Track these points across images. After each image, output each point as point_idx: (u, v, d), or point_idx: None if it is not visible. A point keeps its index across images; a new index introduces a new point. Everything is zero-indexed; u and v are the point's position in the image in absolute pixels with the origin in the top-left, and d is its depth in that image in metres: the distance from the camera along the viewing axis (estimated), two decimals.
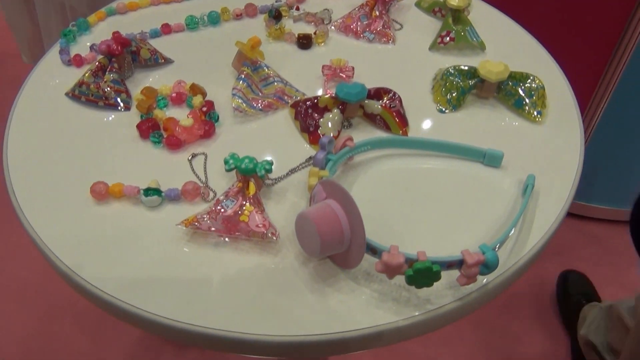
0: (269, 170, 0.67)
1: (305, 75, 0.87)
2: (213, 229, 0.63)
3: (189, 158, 0.74)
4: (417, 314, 0.58)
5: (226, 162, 0.67)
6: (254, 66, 0.83)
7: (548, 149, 0.76)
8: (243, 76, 0.80)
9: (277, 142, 0.77)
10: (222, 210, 0.63)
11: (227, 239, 0.64)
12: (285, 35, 0.92)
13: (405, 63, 0.90)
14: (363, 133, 0.78)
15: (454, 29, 0.90)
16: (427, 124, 0.79)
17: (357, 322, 0.57)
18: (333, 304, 0.59)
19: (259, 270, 0.61)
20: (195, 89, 0.80)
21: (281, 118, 0.80)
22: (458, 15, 0.92)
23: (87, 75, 0.80)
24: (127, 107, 0.80)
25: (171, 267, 0.62)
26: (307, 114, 0.77)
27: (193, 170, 0.72)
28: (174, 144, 0.74)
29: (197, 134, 0.75)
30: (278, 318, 0.58)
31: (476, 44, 0.90)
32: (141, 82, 0.85)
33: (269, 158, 0.69)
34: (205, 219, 0.63)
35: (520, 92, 0.79)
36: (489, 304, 0.98)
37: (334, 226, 0.57)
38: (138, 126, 0.75)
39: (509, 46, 0.93)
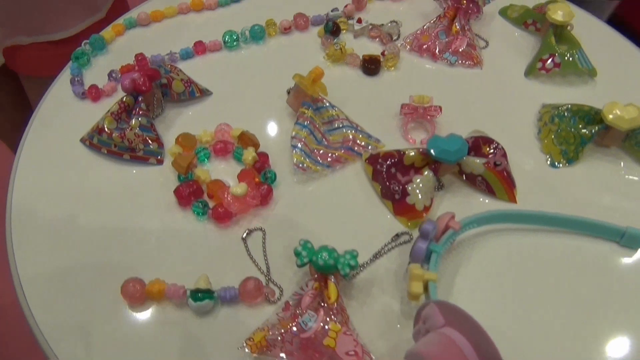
0: (355, 267, 0.51)
1: (375, 111, 0.70)
2: (286, 356, 0.48)
3: (244, 236, 0.58)
4: None
5: (298, 254, 0.51)
6: (317, 105, 0.66)
7: None
8: (304, 122, 0.64)
9: (350, 210, 0.60)
10: (301, 329, 0.48)
11: None
12: (347, 57, 0.75)
13: (499, 95, 0.72)
14: (460, 197, 0.62)
15: (559, 51, 0.72)
16: (535, 182, 0.63)
17: None
18: None
19: None
20: (246, 140, 0.63)
21: (352, 174, 0.64)
22: (561, 32, 0.74)
23: (108, 120, 0.63)
24: (160, 161, 0.64)
25: None
26: (390, 175, 0.60)
27: (249, 253, 0.57)
28: (224, 217, 0.58)
29: (253, 204, 0.59)
30: None
31: (586, 71, 0.73)
32: (174, 122, 0.68)
33: (350, 242, 0.53)
34: (277, 340, 0.48)
35: None
36: None
37: None
38: (177, 193, 0.59)
39: (621, 70, 0.75)
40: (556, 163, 0.64)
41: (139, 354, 0.50)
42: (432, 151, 0.59)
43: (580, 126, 0.64)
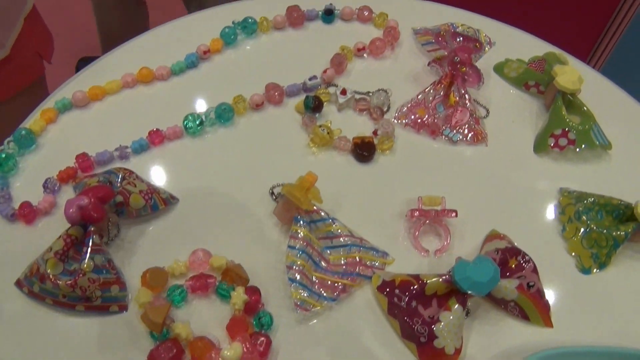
0: None
1: (375, 210, 0.59)
2: None
3: None
4: None
5: None
6: (311, 217, 0.55)
7: None
8: (299, 245, 0.52)
9: (364, 353, 0.50)
10: None
11: None
12: (335, 140, 0.63)
13: (509, 177, 0.64)
14: (490, 327, 0.53)
15: (573, 126, 0.64)
16: (567, 296, 0.55)
17: None
18: None
19: None
20: (232, 276, 0.51)
21: (362, 304, 0.53)
22: (570, 101, 0.66)
23: (50, 263, 0.49)
24: (124, 307, 0.51)
25: None
26: (411, 312, 0.50)
27: None
28: None
29: None
30: None
31: (603, 147, 0.65)
32: (134, 246, 0.55)
33: None
34: None
35: None
36: None
37: None
38: (151, 358, 0.47)
39: (635, 137, 0.68)
40: (587, 269, 0.57)
41: None
42: (460, 283, 0.49)
43: (609, 224, 0.57)
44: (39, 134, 0.62)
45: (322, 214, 0.55)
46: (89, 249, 0.50)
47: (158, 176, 0.60)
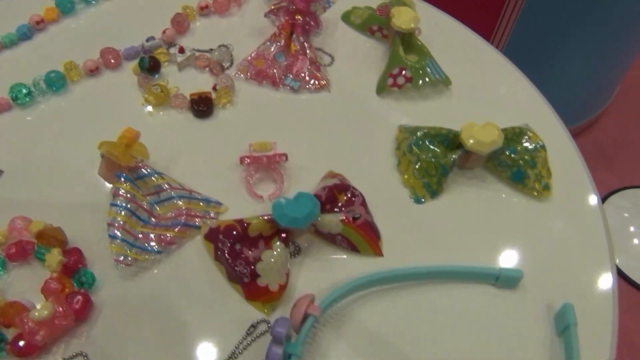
0: None
1: (213, 163, 0.59)
2: None
3: None
4: None
5: None
6: (136, 174, 0.54)
7: (567, 243, 0.56)
8: (120, 202, 0.51)
9: (195, 303, 0.50)
10: None
11: None
12: (171, 98, 0.63)
13: (352, 122, 0.64)
14: (321, 262, 0.53)
15: (409, 64, 0.65)
16: (401, 223, 0.56)
17: None
18: None
19: None
20: (47, 237, 0.50)
21: (192, 254, 0.53)
22: (409, 40, 0.67)
23: None
24: None
25: None
26: (234, 255, 0.50)
27: None
28: (27, 351, 0.45)
29: (64, 326, 0.46)
30: None
31: (440, 81, 0.66)
32: None
33: (195, 349, 0.43)
34: None
35: (518, 161, 0.57)
36: None
37: None
38: None
39: (473, 69, 0.70)
40: (420, 198, 0.58)
41: None
42: (279, 220, 0.49)
43: (440, 152, 0.58)
44: None
45: (147, 170, 0.54)
46: None
47: None
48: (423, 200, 0.58)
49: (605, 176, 1.54)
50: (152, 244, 0.51)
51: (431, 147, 0.58)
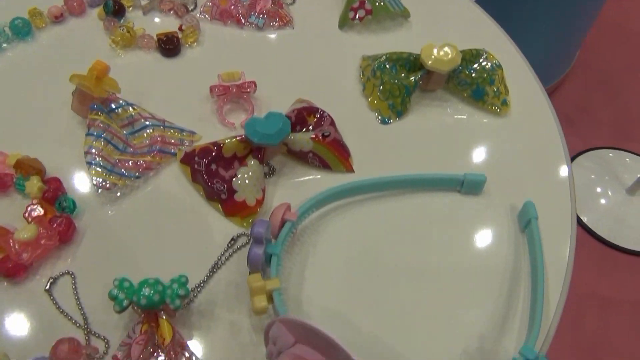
0: (186, 294, 0.43)
1: (184, 98, 0.60)
2: None
3: (47, 287, 0.47)
4: None
5: (114, 297, 0.42)
6: (109, 106, 0.55)
7: (526, 150, 0.59)
8: (95, 129, 0.53)
9: (175, 223, 0.52)
10: None
11: None
12: (138, 39, 0.64)
13: (316, 55, 0.66)
14: (295, 179, 0.55)
15: None
16: (370, 144, 0.59)
17: None
18: None
19: None
20: (25, 166, 0.51)
21: (170, 178, 0.55)
22: None
23: None
24: None
25: None
26: (211, 174, 0.52)
27: (59, 307, 0.46)
28: (15, 271, 0.46)
29: (49, 246, 0.48)
30: None
31: (399, 13, 0.69)
32: None
33: (179, 261, 0.45)
34: None
35: (477, 79, 0.61)
36: None
37: None
38: None
39: (433, 3, 0.73)
40: (387, 119, 0.61)
41: None
42: (251, 136, 0.51)
43: (402, 75, 0.60)
44: None
45: (120, 101, 0.56)
46: None
47: None
48: (390, 120, 0.61)
49: (570, 139, 1.59)
50: (130, 169, 0.53)
51: (393, 71, 0.61)
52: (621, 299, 1.29)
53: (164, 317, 0.43)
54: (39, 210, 0.49)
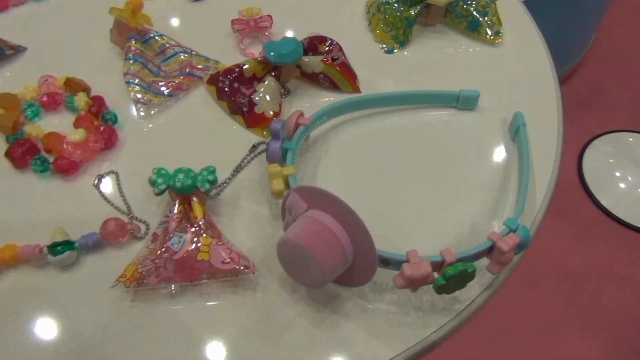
0: (215, 181, 0.50)
1: (210, 35, 0.68)
2: (165, 280, 0.46)
3: (95, 182, 0.55)
4: (448, 319, 0.47)
5: (153, 182, 0.50)
6: (144, 37, 0.63)
7: (517, 73, 0.65)
8: (133, 54, 0.60)
9: (203, 134, 0.59)
10: (171, 251, 0.47)
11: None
12: None
13: None
14: (308, 98, 0.62)
15: None
16: (376, 71, 0.65)
17: (381, 351, 0.45)
18: (345, 335, 0.46)
19: (239, 314, 0.47)
20: (73, 85, 0.59)
21: (198, 99, 0.62)
22: None
23: None
24: None
25: (117, 341, 0.45)
26: (234, 90, 0.59)
27: (106, 198, 0.54)
28: (69, 167, 0.54)
29: (97, 148, 0.55)
30: None
31: None
32: None
33: (208, 164, 0.52)
34: (151, 269, 0.46)
35: (473, 11, 0.67)
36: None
37: (334, 247, 0.43)
38: (9, 155, 0.54)
39: None
40: (391, 48, 0.67)
41: (8, 320, 0.46)
42: (268, 56, 0.58)
43: (403, 9, 0.67)
44: None
45: (153, 33, 0.63)
46: None
47: (6, 34, 0.66)
48: (394, 50, 0.67)
49: (586, 123, 1.61)
50: (163, 88, 0.60)
51: (395, 5, 0.68)
52: (639, 278, 1.32)
53: (196, 200, 0.50)
54: (87, 118, 0.57)
